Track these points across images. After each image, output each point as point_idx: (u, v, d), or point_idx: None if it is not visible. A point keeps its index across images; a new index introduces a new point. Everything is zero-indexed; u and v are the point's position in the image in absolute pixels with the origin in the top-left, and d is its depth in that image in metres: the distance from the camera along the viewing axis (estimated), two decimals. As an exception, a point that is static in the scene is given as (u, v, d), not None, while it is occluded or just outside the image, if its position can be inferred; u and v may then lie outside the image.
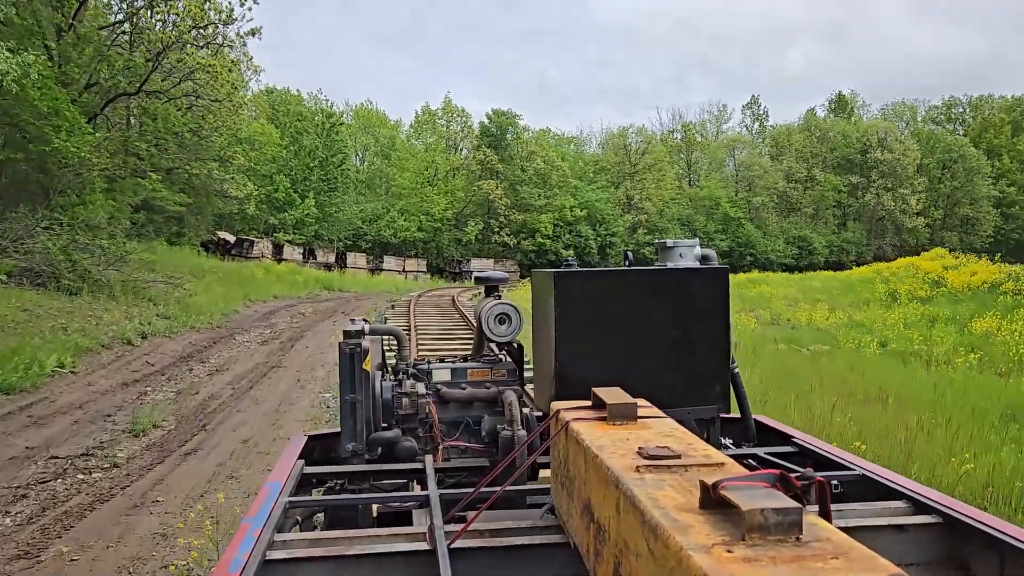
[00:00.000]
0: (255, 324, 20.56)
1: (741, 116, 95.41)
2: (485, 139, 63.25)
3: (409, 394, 3.38)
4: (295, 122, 52.46)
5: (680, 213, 71.07)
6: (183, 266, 26.77)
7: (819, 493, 1.60)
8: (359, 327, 3.34)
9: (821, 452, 3.06)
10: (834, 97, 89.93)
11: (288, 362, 14.83)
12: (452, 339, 15.18)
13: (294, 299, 28.98)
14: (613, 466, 1.70)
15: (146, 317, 17.34)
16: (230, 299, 23.45)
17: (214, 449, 9.03)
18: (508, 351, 3.73)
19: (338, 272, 46.58)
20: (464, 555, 2.10)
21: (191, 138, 38.39)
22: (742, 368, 3.55)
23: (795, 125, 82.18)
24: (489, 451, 3.34)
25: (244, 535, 2.17)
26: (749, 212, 73.80)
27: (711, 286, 2.83)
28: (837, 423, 9.07)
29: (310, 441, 3.47)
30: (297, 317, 22.72)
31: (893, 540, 2.25)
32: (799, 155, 78.20)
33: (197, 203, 39.34)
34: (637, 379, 2.51)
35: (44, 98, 19.97)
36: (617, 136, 74.71)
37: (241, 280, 28.12)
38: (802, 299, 29.71)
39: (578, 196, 63.39)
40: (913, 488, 2.52)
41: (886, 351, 17.83)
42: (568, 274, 2.75)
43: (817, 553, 1.24)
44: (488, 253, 58.81)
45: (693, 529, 1.35)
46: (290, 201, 49.07)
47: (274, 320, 21.69)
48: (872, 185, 76.58)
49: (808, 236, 73.82)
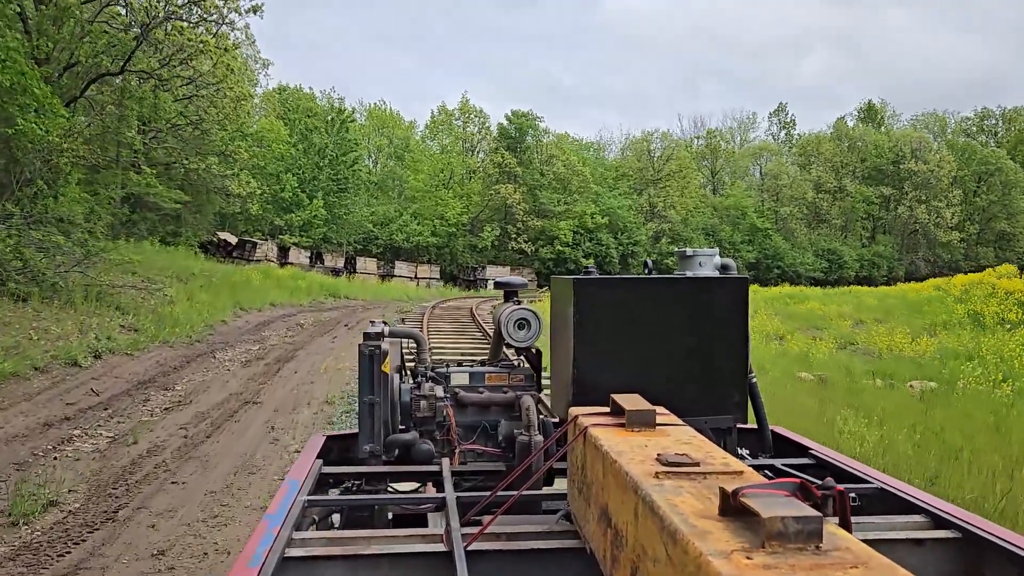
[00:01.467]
0: (243, 338, 17.74)
1: (767, 124, 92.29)
2: (503, 141, 60.44)
3: (427, 397, 3.38)
4: (304, 118, 49.57)
5: (704, 222, 68.10)
6: (171, 269, 23.95)
7: (839, 504, 1.61)
8: (379, 329, 3.30)
9: (839, 465, 3.05)
10: (863, 106, 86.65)
11: (267, 395, 11.94)
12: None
13: (294, 307, 26.13)
14: (632, 472, 1.71)
15: (106, 330, 14.48)
16: (218, 307, 20.63)
17: (107, 570, 5.72)
18: (526, 356, 3.68)
19: (346, 278, 43.88)
20: (480, 558, 2.10)
21: (191, 131, 35.89)
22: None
23: (825, 134, 79.17)
24: (505, 456, 3.31)
25: (264, 532, 2.18)
26: (776, 223, 70.84)
27: (730, 296, 2.86)
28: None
29: (328, 441, 3.48)
30: (294, 330, 19.91)
31: (911, 554, 2.22)
32: (829, 165, 75.25)
33: (196, 201, 36.68)
34: (654, 387, 2.51)
35: (7, 71, 17.23)
36: (640, 141, 71.74)
37: (234, 285, 25.12)
38: (864, 319, 26.43)
39: (599, 203, 60.38)
40: (931, 502, 2.49)
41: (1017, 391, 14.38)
42: (588, 281, 2.82)
43: (836, 562, 1.24)
44: (504, 260, 56.00)
45: (712, 535, 1.35)
46: (297, 201, 46.10)
47: (266, 333, 18.87)
48: (905, 197, 73.60)
49: (838, 249, 70.75)
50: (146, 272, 21.53)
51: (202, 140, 35.91)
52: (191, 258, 30.17)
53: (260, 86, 59.57)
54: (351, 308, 28.29)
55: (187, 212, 35.64)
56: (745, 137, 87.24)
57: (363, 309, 27.98)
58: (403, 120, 70.07)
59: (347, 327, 20.66)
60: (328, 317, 23.73)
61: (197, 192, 36.31)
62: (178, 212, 34.82)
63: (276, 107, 52.78)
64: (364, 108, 70.81)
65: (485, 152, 62.36)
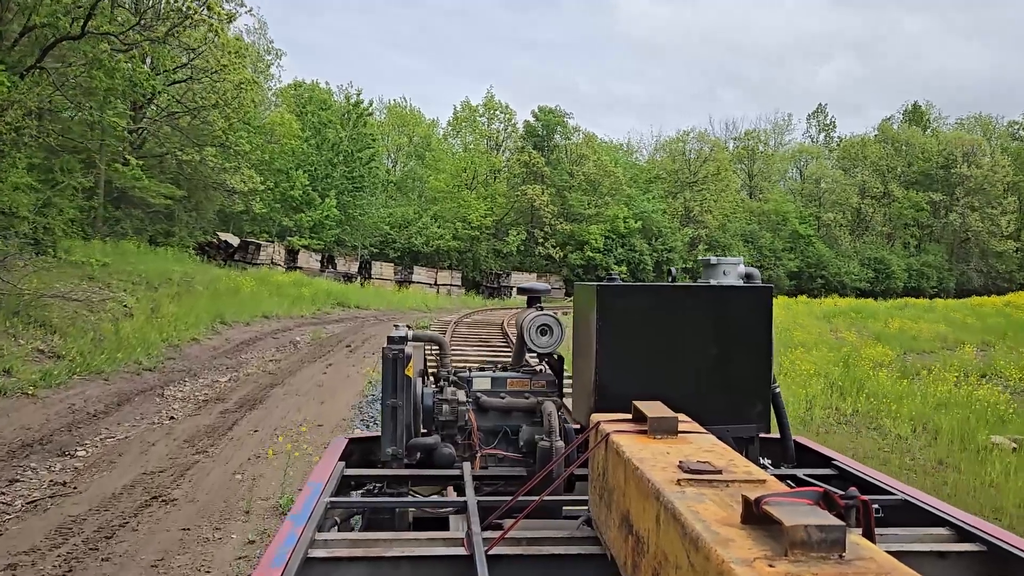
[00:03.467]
0: (212, 364, 13.88)
1: (805, 126, 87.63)
2: (530, 140, 56.46)
3: (449, 401, 3.35)
4: (318, 111, 45.52)
5: (743, 228, 63.79)
6: (145, 273, 20.12)
7: (863, 514, 1.59)
8: (402, 333, 3.28)
9: (862, 476, 3.00)
10: (908, 107, 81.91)
11: (194, 482, 7.57)
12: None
13: (293, 320, 22.28)
14: (654, 479, 1.71)
15: (8, 358, 10.64)
16: (192, 322, 16.76)
17: None
18: (548, 362, 3.63)
19: (359, 284, 40.12)
20: (501, 562, 2.10)
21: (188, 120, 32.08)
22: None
23: (869, 136, 74.72)
24: (526, 461, 3.30)
25: (287, 532, 2.18)
26: (818, 229, 66.48)
27: (754, 304, 2.86)
28: None
29: (350, 444, 3.45)
30: (283, 351, 16.02)
31: (935, 567, 2.19)
32: (874, 168, 70.86)
33: (193, 198, 32.89)
34: (676, 394, 2.50)
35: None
36: (675, 141, 67.50)
37: (219, 294, 21.49)
38: (973, 340, 21.78)
39: (632, 206, 56.16)
40: (956, 515, 2.46)
41: None
42: (611, 288, 2.81)
43: (860, 572, 1.23)
44: (531, 267, 52.08)
45: (735, 543, 1.34)
46: (308, 200, 42.06)
47: (246, 357, 15.01)
48: (956, 203, 69.14)
49: (886, 258, 66.36)
50: (110, 277, 17.74)
51: (199, 129, 32.18)
52: (178, 260, 26.37)
53: (274, 79, 56.14)
54: (359, 321, 24.41)
55: (181, 209, 31.90)
56: (780, 140, 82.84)
57: (374, 322, 24.10)
58: (424, 117, 66.25)
59: (349, 348, 16.76)
60: (330, 333, 19.84)
61: (194, 188, 32.55)
62: (171, 209, 31.09)
63: (291, 104, 48.89)
64: (383, 105, 67.12)
65: (511, 151, 58.33)
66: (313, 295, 27.42)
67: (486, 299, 45.93)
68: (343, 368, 13.98)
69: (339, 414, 10.09)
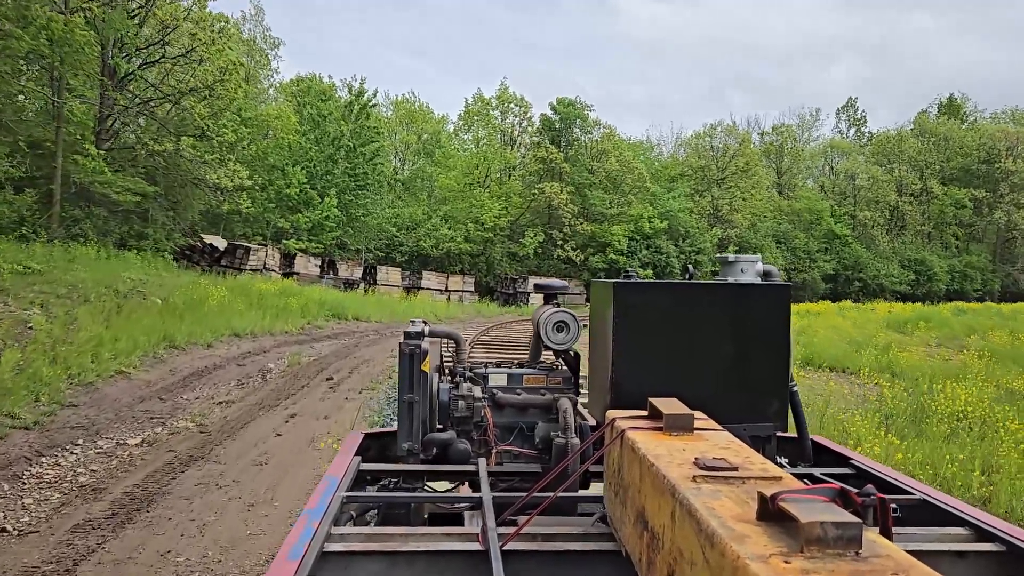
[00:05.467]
0: (132, 414, 9.99)
1: (835, 121, 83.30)
2: (547, 134, 52.44)
3: (465, 397, 3.31)
4: (317, 102, 41.51)
5: (774, 228, 59.55)
6: (85, 282, 16.26)
7: (880, 512, 1.56)
8: (419, 329, 3.23)
9: (880, 475, 2.94)
10: (943, 100, 77.39)
11: None
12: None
13: (273, 339, 18.39)
14: (669, 475, 1.67)
15: None
16: (124, 347, 12.78)
17: None
18: (564, 359, 3.60)
19: (363, 291, 36.34)
20: (516, 558, 2.06)
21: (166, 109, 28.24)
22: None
23: (906, 130, 70.41)
24: (542, 457, 3.27)
25: (303, 527, 2.14)
26: (853, 228, 62.18)
27: (772, 303, 2.79)
28: None
29: (366, 439, 3.42)
30: (243, 386, 12.18)
31: (953, 566, 2.12)
32: (912, 164, 66.54)
33: (171, 195, 29.04)
34: (693, 392, 2.45)
35: None
36: (701, 136, 63.32)
37: (175, 308, 17.28)
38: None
39: (656, 204, 52.03)
40: (975, 515, 2.41)
41: None
42: (627, 285, 2.77)
43: (876, 569, 1.20)
44: (548, 270, 48.02)
45: (750, 539, 1.31)
46: (306, 200, 38.07)
47: (187, 398, 11.14)
48: (1001, 200, 64.76)
49: (927, 259, 61.98)
50: (29, 287, 13.92)
51: (180, 118, 28.33)
52: (146, 267, 22.47)
53: (273, 73, 52.38)
54: (355, 337, 20.55)
55: (157, 208, 28.04)
56: (808, 135, 78.47)
57: (372, 338, 20.24)
58: (434, 113, 62.30)
59: (330, 382, 12.81)
60: (313, 356, 15.99)
61: (172, 184, 28.70)
62: (143, 208, 27.24)
63: (292, 101, 44.87)
64: (390, 102, 63.22)
65: (526, 147, 54.30)
66: (303, 306, 23.43)
67: (501, 306, 41.97)
68: (310, 422, 9.97)
69: (270, 536, 6.21)
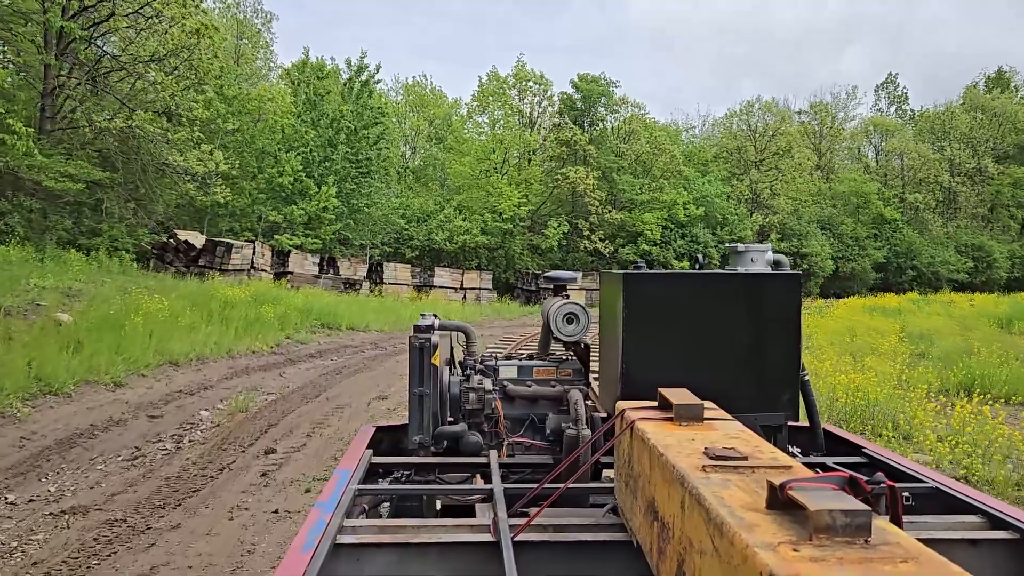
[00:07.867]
0: None
1: (873, 99, 77.70)
2: (570, 114, 47.62)
3: (476, 389, 3.31)
4: (313, 80, 36.68)
5: (819, 214, 54.44)
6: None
7: (890, 500, 1.53)
8: (429, 322, 3.22)
9: (893, 463, 2.93)
10: (990, 74, 71.69)
11: None
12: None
13: (229, 364, 13.73)
14: (679, 465, 1.68)
15: None
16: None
17: None
18: (574, 351, 3.60)
19: (367, 291, 31.78)
20: (528, 549, 2.07)
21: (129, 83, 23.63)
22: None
23: (956, 105, 65.00)
24: (553, 449, 3.27)
25: (315, 519, 2.15)
26: (904, 213, 56.92)
27: (783, 292, 2.79)
28: None
29: (378, 432, 3.43)
30: (125, 472, 7.40)
31: (966, 555, 2.12)
32: (964, 141, 61.20)
33: (131, 183, 24.39)
34: (703, 383, 2.45)
35: None
36: (737, 115, 58.22)
37: (76, 330, 11.94)
38: None
39: (692, 190, 47.09)
40: (989, 503, 2.39)
41: None
42: (637, 275, 2.74)
43: (886, 556, 1.20)
44: (574, 263, 43.40)
45: (759, 528, 1.32)
46: (301, 189, 33.30)
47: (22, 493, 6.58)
48: (1060, 179, 59.72)
49: (986, 244, 56.68)
50: None
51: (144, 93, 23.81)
52: (82, 270, 17.84)
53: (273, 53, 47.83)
54: (344, 356, 15.93)
55: (113, 199, 23.46)
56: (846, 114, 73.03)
57: (364, 360, 15.59)
58: (446, 97, 57.56)
59: (269, 458, 7.93)
60: (272, 395, 11.34)
61: (131, 170, 24.08)
62: (97, 199, 22.66)
63: (289, 81, 39.91)
64: (400, 85, 58.51)
65: (547, 128, 49.44)
66: (282, 316, 18.61)
67: (523, 305, 37.27)
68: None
69: None
